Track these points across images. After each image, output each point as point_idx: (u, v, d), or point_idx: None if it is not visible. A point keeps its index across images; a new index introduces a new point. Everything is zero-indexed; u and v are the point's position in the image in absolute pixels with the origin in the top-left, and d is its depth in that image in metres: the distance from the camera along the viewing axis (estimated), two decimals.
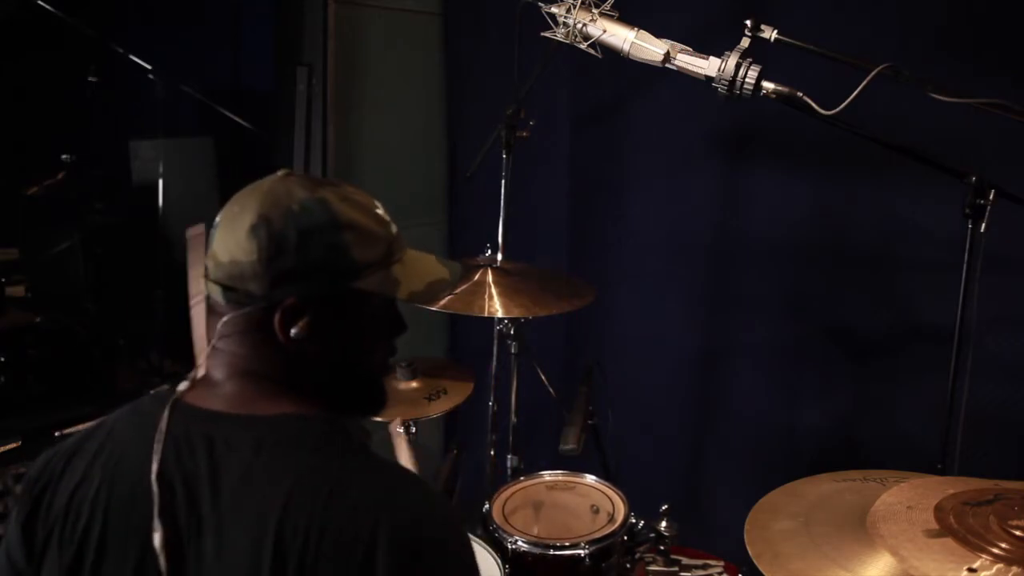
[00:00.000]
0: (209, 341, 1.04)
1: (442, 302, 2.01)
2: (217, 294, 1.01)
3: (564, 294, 2.13)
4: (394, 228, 1.10)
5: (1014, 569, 1.00)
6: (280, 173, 1.04)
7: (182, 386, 1.03)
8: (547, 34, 1.89)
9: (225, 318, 1.01)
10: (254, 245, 0.98)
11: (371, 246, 1.03)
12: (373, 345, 1.11)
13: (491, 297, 2.03)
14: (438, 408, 2.14)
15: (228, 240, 1.00)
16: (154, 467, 0.95)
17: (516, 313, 2.02)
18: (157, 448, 0.96)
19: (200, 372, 1.05)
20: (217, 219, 1.04)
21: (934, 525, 1.09)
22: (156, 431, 0.98)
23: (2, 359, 2.21)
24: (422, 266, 1.14)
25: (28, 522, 1.02)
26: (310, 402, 1.03)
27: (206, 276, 1.02)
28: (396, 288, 1.07)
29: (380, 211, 1.08)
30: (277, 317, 0.99)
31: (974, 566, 1.01)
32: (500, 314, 2.00)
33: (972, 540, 1.04)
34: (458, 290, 2.04)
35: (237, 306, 1.00)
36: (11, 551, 1.04)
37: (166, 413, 0.99)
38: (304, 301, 0.99)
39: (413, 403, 2.15)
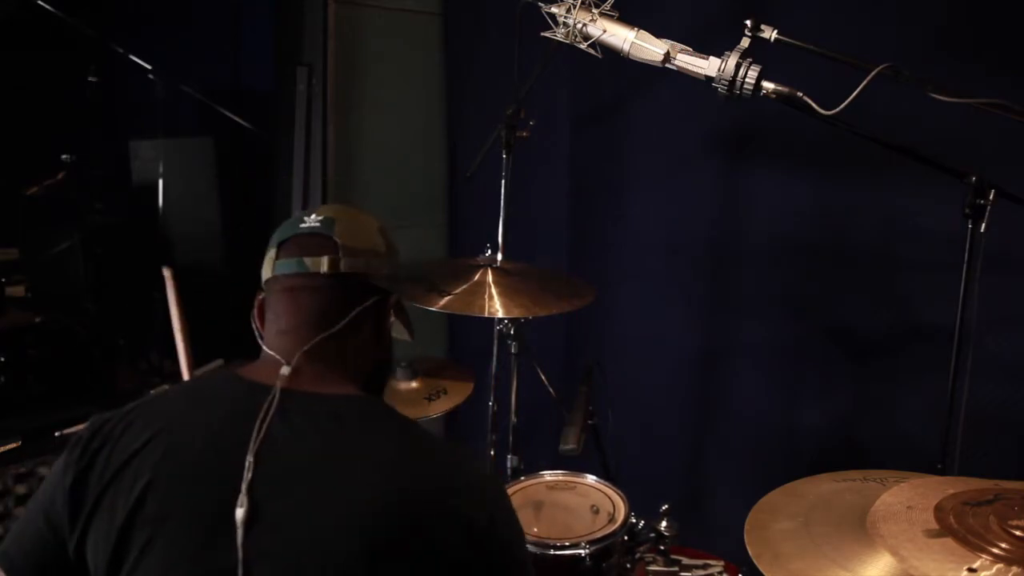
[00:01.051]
0: (282, 324, 1.12)
1: (442, 302, 2.01)
2: (352, 267, 1.12)
3: (564, 294, 2.12)
4: None
5: (1014, 569, 1.00)
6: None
7: (285, 369, 1.08)
8: (547, 34, 1.89)
9: (360, 308, 1.13)
10: (382, 242, 1.18)
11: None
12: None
13: (491, 297, 2.03)
14: (438, 408, 2.14)
15: (364, 233, 1.16)
16: (252, 446, 0.99)
17: (516, 313, 2.02)
18: (259, 427, 1.01)
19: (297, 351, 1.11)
20: (320, 216, 1.15)
21: (934, 525, 1.09)
22: (231, 402, 1.06)
23: (2, 359, 2.21)
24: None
25: (78, 482, 1.03)
26: (368, 388, 1.16)
27: (322, 253, 1.11)
28: (405, 290, 1.33)
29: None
30: (390, 304, 1.18)
31: (974, 566, 1.01)
32: (500, 314, 2.00)
33: (972, 540, 1.04)
34: (458, 290, 2.05)
35: (361, 294, 1.13)
36: (51, 511, 1.04)
37: (275, 395, 1.04)
38: (399, 299, 1.20)
39: (413, 403, 2.16)
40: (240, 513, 0.95)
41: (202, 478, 1.00)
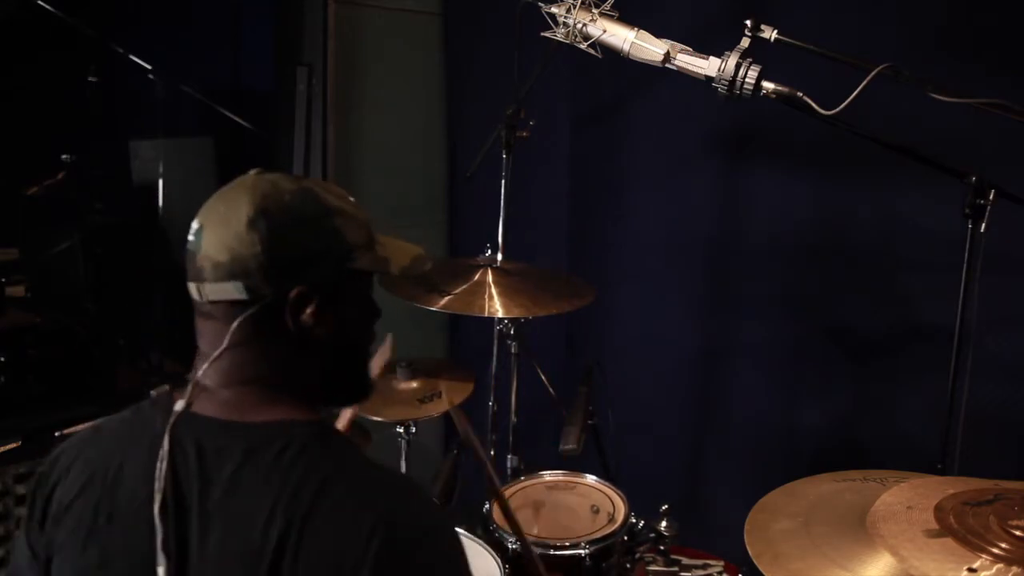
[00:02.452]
0: (203, 347, 1.03)
1: (442, 302, 2.01)
2: (217, 295, 0.99)
3: (564, 294, 2.13)
4: (366, 213, 1.12)
5: (1014, 569, 1.00)
6: (253, 172, 1.05)
7: (179, 405, 1.01)
8: (547, 34, 1.89)
9: (235, 324, 0.99)
10: (256, 237, 0.98)
11: (358, 229, 1.06)
12: (367, 327, 1.13)
13: (491, 297, 2.03)
14: (435, 409, 2.14)
15: (225, 237, 0.98)
16: (157, 500, 0.94)
17: (516, 313, 2.02)
18: (160, 475, 0.95)
19: (200, 379, 1.03)
20: (197, 224, 1.02)
21: (934, 525, 1.09)
22: (155, 439, 0.98)
23: (2, 359, 2.20)
24: (397, 245, 1.15)
25: (32, 532, 1.04)
26: (307, 405, 1.04)
27: (199, 280, 1.00)
28: (387, 264, 1.10)
29: (353, 200, 1.10)
30: (289, 305, 0.99)
31: (974, 566, 1.01)
32: (500, 314, 2.00)
33: (972, 540, 1.04)
34: (458, 290, 2.05)
35: (242, 307, 0.99)
36: (31, 542, 1.05)
37: (167, 436, 0.97)
38: (311, 288, 1.00)
39: (411, 404, 2.16)
40: (160, 572, 0.93)
41: (132, 526, 0.96)
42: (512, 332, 2.20)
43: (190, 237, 1.02)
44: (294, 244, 1.00)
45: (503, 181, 2.17)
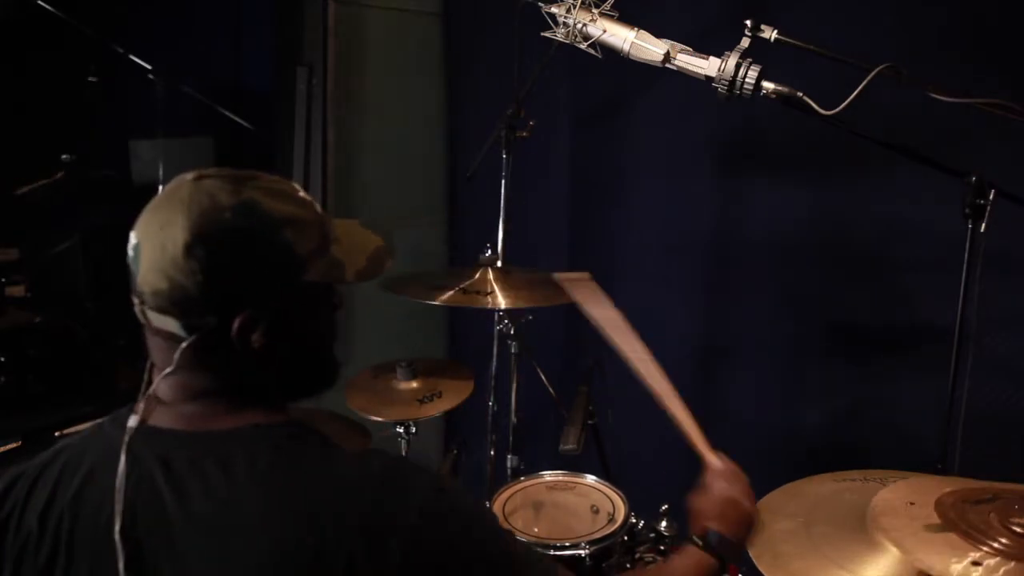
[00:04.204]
0: (152, 363, 0.99)
1: (443, 297, 2.01)
2: (161, 323, 0.95)
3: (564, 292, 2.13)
4: (318, 207, 1.03)
5: (1014, 564, 1.00)
6: (190, 176, 0.97)
7: (132, 420, 0.96)
8: (547, 34, 1.89)
9: (180, 348, 0.94)
10: (195, 266, 0.91)
11: (309, 236, 0.98)
12: (328, 328, 1.07)
13: (492, 293, 2.03)
14: (435, 409, 2.14)
15: (163, 262, 0.92)
16: (117, 523, 0.90)
17: (517, 304, 2.02)
18: (119, 497, 0.91)
19: (154, 394, 1.00)
20: (135, 238, 0.96)
21: (936, 520, 1.09)
22: (115, 458, 0.94)
23: (2, 359, 2.20)
24: (356, 239, 1.08)
25: None
26: (273, 407, 1.01)
27: (141, 302, 0.96)
28: (342, 271, 1.03)
29: (303, 194, 1.02)
30: (234, 333, 0.94)
31: (977, 559, 1.01)
32: (503, 306, 2.00)
33: (974, 535, 1.05)
34: (458, 288, 2.05)
35: (187, 331, 0.94)
36: None
37: (123, 453, 0.93)
38: (257, 311, 0.95)
39: (411, 404, 2.16)
40: None
41: (96, 544, 0.92)
42: (512, 332, 2.19)
43: (129, 251, 0.96)
44: (236, 270, 0.93)
45: (503, 181, 2.17)
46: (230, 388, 0.99)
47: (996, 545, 1.03)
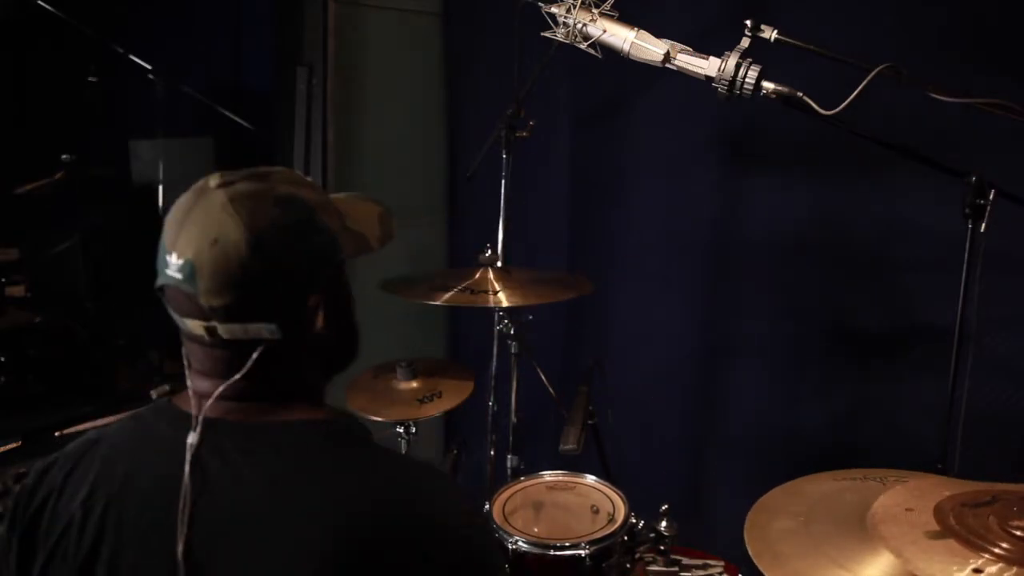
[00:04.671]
0: (197, 367, 1.01)
1: (446, 296, 2.01)
2: (237, 334, 0.95)
3: (565, 288, 2.13)
4: (320, 188, 1.07)
5: (1015, 569, 1.00)
6: (213, 184, 0.97)
7: (191, 437, 0.97)
8: (547, 34, 1.89)
9: (255, 355, 0.96)
10: (262, 268, 0.93)
11: (332, 215, 1.02)
12: (353, 300, 1.11)
13: (493, 292, 2.03)
14: (434, 409, 2.14)
15: (228, 273, 0.92)
16: (184, 508, 0.91)
17: (517, 302, 2.02)
18: (186, 482, 0.92)
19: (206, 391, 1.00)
20: (181, 259, 0.93)
21: (935, 526, 1.09)
22: (167, 447, 0.96)
23: (2, 359, 2.21)
24: (361, 209, 1.10)
25: (25, 539, 0.99)
26: (317, 401, 1.05)
27: (205, 319, 0.95)
28: (366, 242, 1.06)
29: (310, 178, 1.08)
30: (304, 323, 0.98)
31: (978, 566, 1.01)
32: (504, 304, 2.00)
33: (974, 541, 1.05)
34: (458, 288, 2.05)
35: (267, 332, 0.96)
36: (4, 570, 1.01)
37: (195, 434, 0.95)
38: (319, 295, 0.99)
39: (411, 404, 2.16)
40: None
41: (147, 530, 0.94)
42: (512, 332, 2.19)
43: (174, 274, 0.94)
44: (297, 261, 0.96)
45: (503, 181, 2.17)
46: (284, 383, 1.01)
47: (997, 551, 1.02)
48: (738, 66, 1.71)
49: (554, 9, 1.86)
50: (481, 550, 0.99)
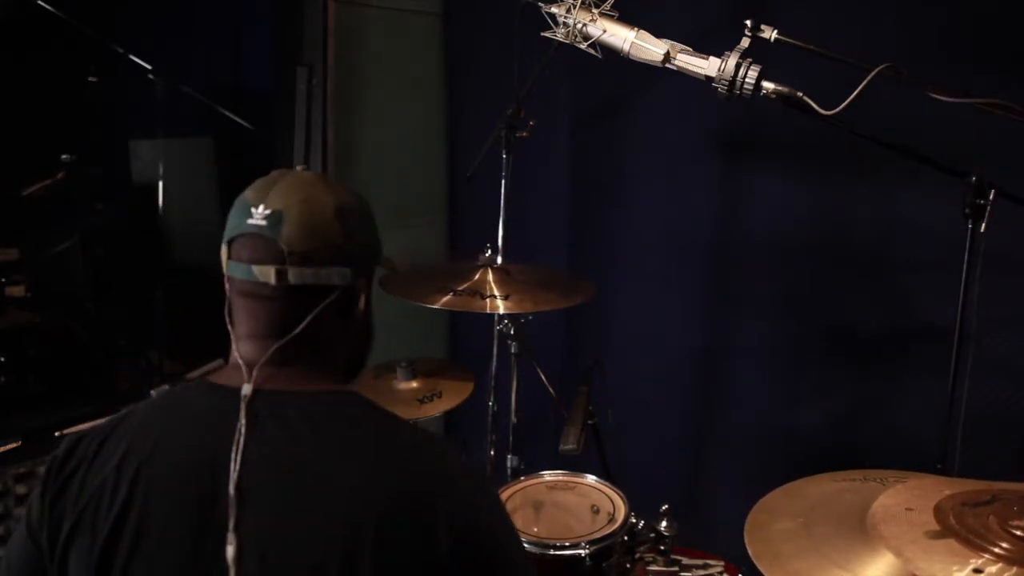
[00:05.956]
0: (248, 328, 1.07)
1: (442, 300, 2.00)
2: (307, 279, 1.03)
3: (564, 292, 2.13)
4: None
5: (1015, 569, 1.00)
6: (299, 168, 1.12)
7: (246, 389, 1.03)
8: (547, 34, 1.89)
9: (319, 308, 1.05)
10: (345, 229, 1.05)
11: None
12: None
13: (492, 296, 2.03)
14: (434, 409, 2.14)
15: (313, 225, 1.03)
16: (233, 476, 0.96)
17: (516, 309, 2.02)
18: (235, 455, 0.97)
19: (251, 358, 1.06)
20: (269, 208, 1.03)
21: (935, 526, 1.09)
22: (201, 415, 1.02)
23: (2, 359, 2.21)
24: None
25: (56, 503, 1.02)
26: (343, 380, 1.13)
27: (278, 263, 1.02)
28: (381, 256, 1.18)
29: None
30: (357, 295, 1.10)
31: (979, 566, 1.01)
32: (501, 311, 2.00)
33: (974, 540, 1.04)
34: (458, 288, 2.05)
35: (324, 293, 1.05)
36: (33, 534, 1.04)
37: (242, 418, 0.99)
38: (369, 278, 1.13)
39: (411, 404, 2.16)
40: (231, 551, 0.94)
41: (179, 496, 0.98)
42: (512, 332, 2.19)
43: (258, 221, 1.03)
44: (366, 238, 1.10)
45: (503, 181, 2.17)
46: (322, 354, 1.09)
47: (997, 551, 1.02)
48: (738, 66, 1.71)
49: (554, 9, 1.86)
50: (492, 506, 1.07)
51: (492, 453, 2.33)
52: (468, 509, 1.00)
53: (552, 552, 1.74)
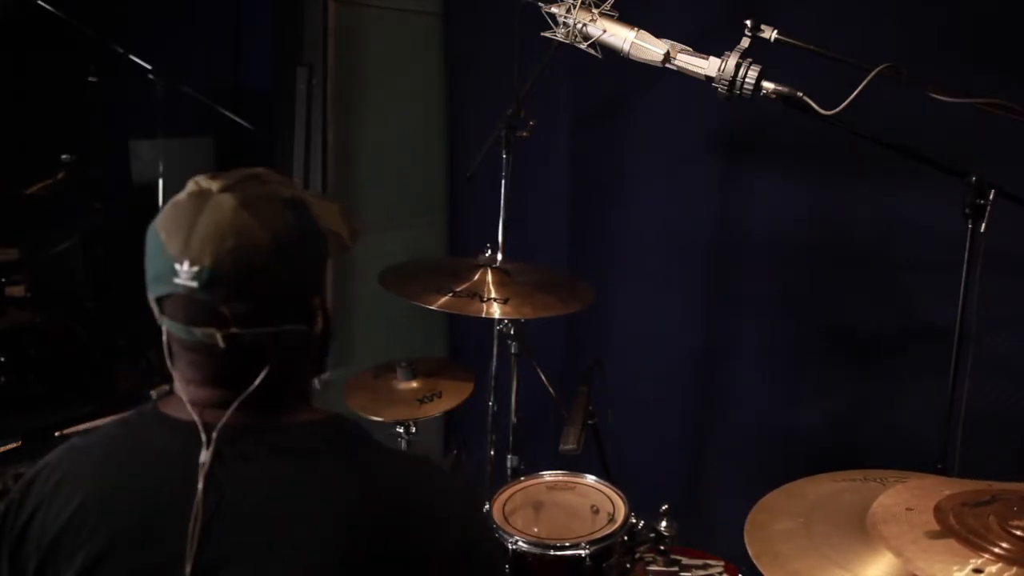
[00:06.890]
0: (195, 377, 0.98)
1: (440, 302, 2.00)
2: (258, 339, 0.93)
3: (563, 296, 2.13)
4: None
5: (1015, 569, 1.00)
6: (215, 188, 0.95)
7: (203, 456, 0.94)
8: (547, 34, 1.89)
9: (274, 359, 0.95)
10: (286, 266, 0.92)
11: (318, 216, 1.01)
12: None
13: (489, 299, 2.03)
14: (434, 409, 2.14)
15: (252, 279, 0.91)
16: (194, 517, 0.90)
17: (514, 315, 2.02)
18: (200, 489, 0.90)
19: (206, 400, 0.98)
20: (194, 268, 0.89)
21: (935, 526, 1.09)
22: (162, 455, 0.96)
23: (2, 359, 2.20)
24: (324, 207, 1.06)
25: (15, 552, 0.97)
26: (309, 401, 1.05)
27: (221, 327, 0.91)
28: (343, 240, 1.05)
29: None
30: (312, 321, 0.98)
31: (979, 566, 1.01)
32: (497, 315, 2.00)
33: (974, 540, 1.04)
34: (457, 290, 2.05)
35: (285, 336, 0.95)
36: None
37: (203, 459, 0.92)
38: (321, 294, 1.01)
39: (411, 404, 2.16)
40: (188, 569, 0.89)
41: (146, 538, 0.92)
42: (512, 332, 2.19)
43: (186, 282, 0.89)
44: (310, 261, 0.98)
45: (503, 181, 2.17)
46: (286, 385, 1.00)
47: (997, 551, 1.02)
48: (738, 66, 1.71)
49: (554, 9, 1.86)
50: (478, 540, 1.02)
51: (492, 453, 2.33)
52: (454, 534, 0.96)
53: (552, 552, 1.74)
